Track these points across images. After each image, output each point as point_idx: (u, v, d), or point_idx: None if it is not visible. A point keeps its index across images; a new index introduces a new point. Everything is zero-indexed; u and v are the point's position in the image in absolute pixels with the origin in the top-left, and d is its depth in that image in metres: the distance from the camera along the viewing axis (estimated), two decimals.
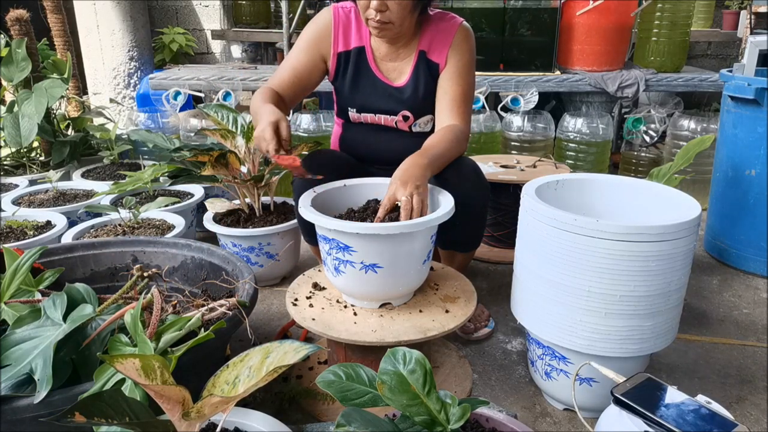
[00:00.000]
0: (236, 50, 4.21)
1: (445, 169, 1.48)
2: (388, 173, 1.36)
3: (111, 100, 3.48)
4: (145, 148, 2.81)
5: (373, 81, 1.64)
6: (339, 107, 1.75)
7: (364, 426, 0.79)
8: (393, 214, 1.32)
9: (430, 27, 1.60)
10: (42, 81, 2.69)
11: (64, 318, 1.04)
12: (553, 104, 3.58)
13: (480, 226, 1.65)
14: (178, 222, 1.98)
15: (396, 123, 1.66)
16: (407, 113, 1.64)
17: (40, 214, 2.05)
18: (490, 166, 2.30)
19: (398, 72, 1.63)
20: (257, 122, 1.45)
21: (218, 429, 0.87)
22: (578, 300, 1.23)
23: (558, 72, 3.15)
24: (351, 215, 1.37)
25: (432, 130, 1.67)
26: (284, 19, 3.50)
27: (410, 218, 1.26)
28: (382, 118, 1.66)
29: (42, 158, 2.84)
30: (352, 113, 1.70)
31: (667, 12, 3.10)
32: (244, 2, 4.13)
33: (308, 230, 1.66)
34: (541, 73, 3.10)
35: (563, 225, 1.21)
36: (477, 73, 3.03)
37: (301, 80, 1.63)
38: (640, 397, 0.95)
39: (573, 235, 1.20)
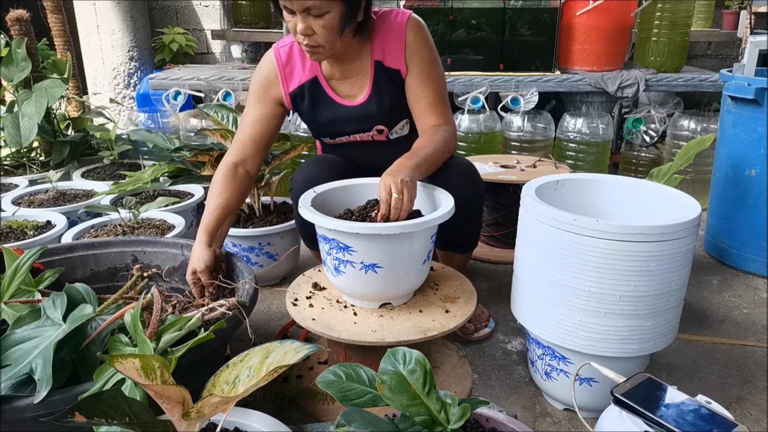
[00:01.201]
0: (236, 50, 4.21)
1: (440, 169, 1.47)
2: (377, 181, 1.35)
3: (111, 100, 3.48)
4: (145, 148, 2.81)
5: (334, 107, 1.58)
6: (313, 134, 1.73)
7: (364, 426, 0.79)
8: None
9: (378, 32, 1.51)
10: (42, 81, 2.70)
11: (64, 318, 1.04)
12: (553, 104, 3.58)
13: (477, 226, 1.64)
14: (178, 222, 1.98)
15: (372, 137, 1.62)
16: (380, 127, 1.59)
17: (40, 214, 2.05)
18: (490, 166, 2.30)
19: (357, 88, 1.56)
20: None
21: (218, 429, 0.87)
22: (578, 300, 1.23)
23: (558, 72, 3.15)
24: (349, 215, 1.37)
25: (410, 133, 1.63)
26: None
27: (395, 213, 1.24)
28: (357, 137, 1.62)
29: (42, 158, 2.84)
30: (327, 140, 1.67)
31: (667, 12, 3.10)
32: (244, 2, 4.13)
33: (307, 233, 1.65)
34: (541, 73, 3.10)
35: (563, 225, 1.21)
36: (477, 73, 3.07)
37: (263, 136, 1.58)
38: (640, 397, 0.95)
39: (573, 235, 1.20)
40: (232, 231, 1.92)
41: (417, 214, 1.35)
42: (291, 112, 1.64)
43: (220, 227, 1.49)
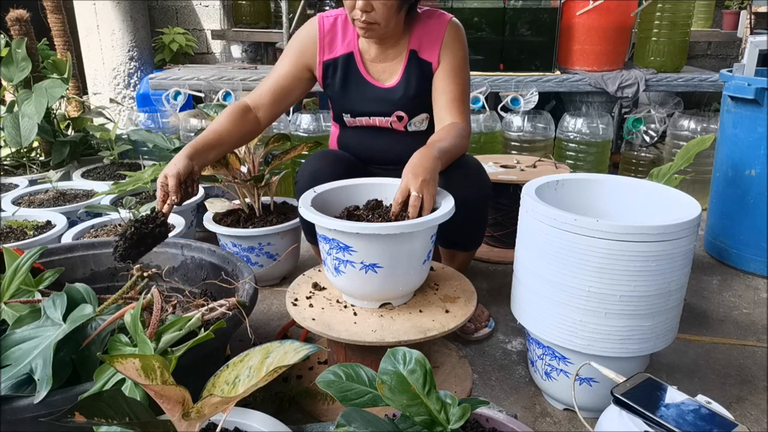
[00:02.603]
0: (236, 50, 4.21)
1: (449, 167, 1.48)
2: (388, 173, 1.36)
3: (111, 100, 3.48)
4: (145, 148, 2.81)
5: (363, 85, 1.63)
6: (334, 113, 1.76)
7: (364, 426, 0.79)
8: (404, 212, 1.32)
9: (419, 25, 1.59)
10: (42, 81, 2.69)
11: (64, 318, 1.04)
12: (553, 104, 3.58)
13: (482, 224, 1.65)
14: (178, 222, 1.98)
15: (391, 124, 1.66)
16: (401, 113, 1.63)
17: (40, 214, 2.04)
18: (490, 166, 2.30)
19: (389, 73, 1.63)
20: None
21: (218, 429, 0.87)
22: (578, 300, 1.23)
23: (558, 72, 3.15)
24: (350, 215, 1.37)
25: (427, 129, 1.67)
26: (284, 19, 3.50)
27: (419, 215, 1.26)
28: (377, 120, 1.66)
29: (42, 158, 2.84)
30: (347, 118, 1.70)
31: (667, 12, 3.10)
32: (244, 2, 4.13)
33: (309, 228, 1.66)
34: (541, 73, 3.10)
35: (563, 225, 1.21)
36: (477, 73, 3.07)
37: (283, 91, 1.63)
38: (640, 397, 0.95)
39: (573, 235, 1.20)
40: (232, 231, 1.92)
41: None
42: (319, 84, 1.67)
43: (207, 150, 1.49)
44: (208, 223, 1.99)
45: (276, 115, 1.66)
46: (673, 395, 0.96)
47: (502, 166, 2.32)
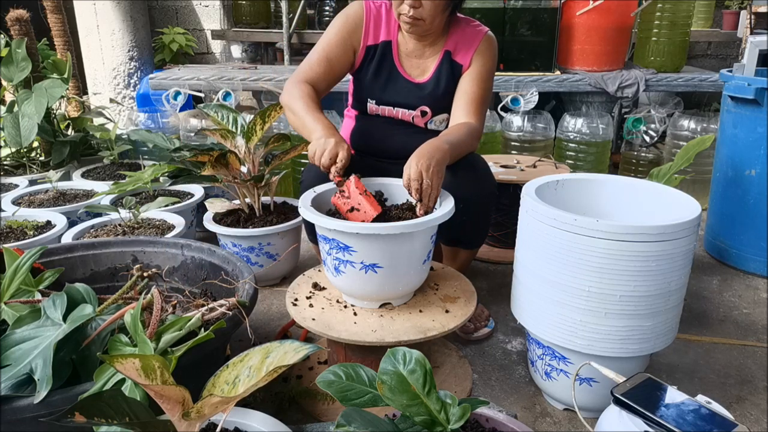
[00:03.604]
0: (236, 50, 4.21)
1: (456, 165, 1.49)
2: (399, 167, 1.35)
3: (111, 100, 3.48)
4: (145, 148, 2.81)
5: (395, 75, 1.66)
6: (356, 98, 1.75)
7: (364, 426, 0.79)
8: (404, 213, 1.32)
9: (457, 30, 1.63)
10: (42, 81, 2.69)
11: (64, 318, 1.04)
12: (553, 104, 3.58)
13: (486, 223, 1.67)
14: (178, 222, 1.98)
15: (413, 118, 1.68)
16: (426, 109, 1.66)
17: (40, 214, 2.04)
18: (490, 166, 2.30)
19: (421, 69, 1.66)
20: (305, 127, 1.46)
21: (218, 429, 0.87)
22: (578, 300, 1.23)
23: (558, 72, 3.15)
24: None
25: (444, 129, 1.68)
26: (284, 19, 3.50)
27: (427, 199, 1.28)
28: (400, 112, 1.68)
29: (42, 158, 2.84)
30: (371, 104, 1.70)
31: (667, 12, 3.10)
32: (244, 2, 4.13)
33: (312, 229, 1.66)
34: (541, 73, 3.10)
35: (563, 225, 1.21)
36: None
37: (333, 71, 1.64)
38: (640, 397, 0.95)
39: (573, 235, 1.20)
40: (232, 231, 1.92)
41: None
42: (354, 67, 1.67)
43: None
44: (208, 223, 1.99)
45: (328, 89, 1.65)
46: (673, 395, 0.96)
47: (502, 166, 2.32)
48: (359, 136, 1.76)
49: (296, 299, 1.40)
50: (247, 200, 2.06)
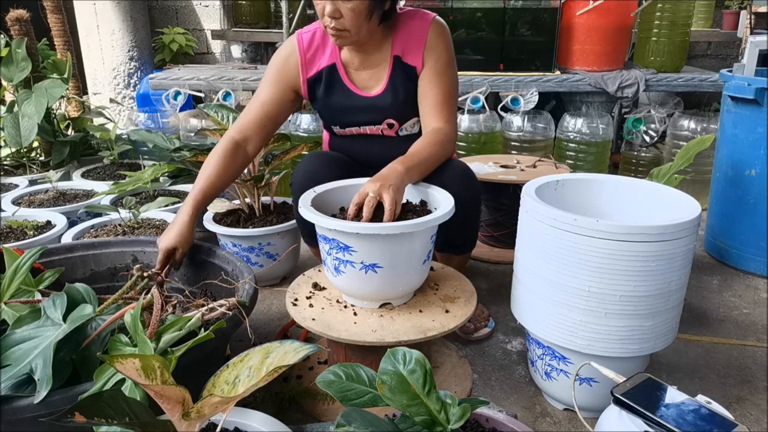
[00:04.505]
0: (236, 50, 4.21)
1: (436, 172, 1.47)
2: None
3: (111, 100, 3.48)
4: (145, 148, 2.81)
5: (349, 95, 1.60)
6: (324, 125, 1.74)
7: (364, 426, 0.79)
8: (404, 214, 1.32)
9: (401, 29, 1.54)
10: (42, 81, 2.70)
11: (64, 318, 1.04)
12: (553, 104, 3.58)
13: (474, 227, 1.64)
14: None
15: (382, 131, 1.63)
16: (391, 121, 1.61)
17: (40, 214, 2.04)
18: (490, 166, 2.30)
19: (374, 80, 1.59)
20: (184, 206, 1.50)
21: (218, 429, 0.87)
22: (578, 300, 1.23)
23: (558, 72, 3.15)
24: (343, 215, 1.37)
25: (419, 132, 1.64)
26: (284, 19, 3.50)
27: (368, 214, 1.25)
28: (367, 129, 1.64)
29: (42, 158, 2.84)
30: (337, 129, 1.68)
31: (667, 12, 3.10)
32: (244, 2, 4.13)
33: (307, 230, 1.65)
34: (541, 73, 3.10)
35: (563, 225, 1.21)
36: (477, 73, 3.07)
37: (270, 115, 1.60)
38: (640, 397, 0.95)
39: (573, 235, 1.20)
40: (232, 231, 1.92)
41: (425, 212, 1.35)
42: (303, 102, 1.65)
43: (207, 202, 1.52)
44: (208, 223, 1.99)
45: (265, 142, 1.63)
46: (673, 395, 0.96)
47: (502, 166, 2.32)
48: (339, 150, 1.74)
49: (296, 299, 1.40)
50: (247, 200, 2.06)
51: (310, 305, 1.37)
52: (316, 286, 1.46)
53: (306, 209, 1.29)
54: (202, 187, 1.51)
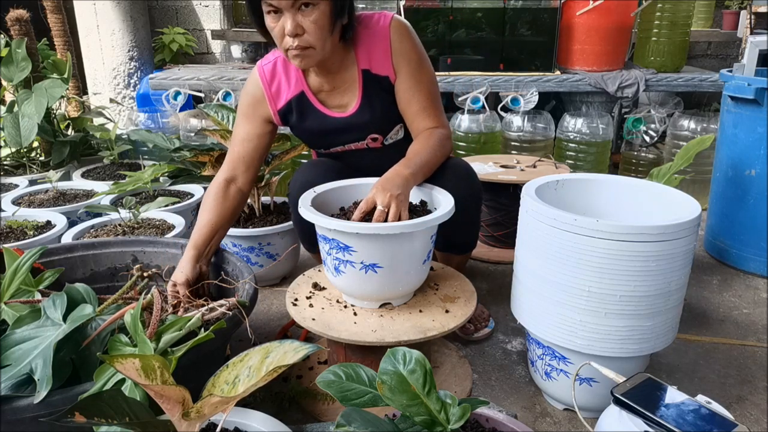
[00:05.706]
0: (236, 50, 4.21)
1: (437, 172, 1.46)
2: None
3: (111, 100, 3.48)
4: (145, 148, 2.81)
5: (323, 120, 1.54)
6: (307, 146, 1.72)
7: (364, 426, 0.79)
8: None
9: (362, 40, 1.46)
10: (42, 81, 2.70)
11: (64, 318, 1.04)
12: (553, 104, 3.58)
13: (475, 227, 1.64)
14: (178, 222, 1.98)
15: (367, 145, 1.60)
16: (374, 135, 1.57)
17: (40, 214, 2.04)
18: (490, 166, 2.30)
19: (348, 98, 1.52)
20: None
21: (218, 429, 0.87)
22: (578, 300, 1.23)
23: (558, 72, 3.15)
24: (344, 214, 1.37)
25: (404, 137, 1.61)
26: None
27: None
28: (352, 146, 1.60)
29: (42, 158, 2.84)
30: (322, 151, 1.67)
31: (667, 12, 3.10)
32: (244, 2, 4.13)
33: (306, 236, 1.65)
34: (541, 73, 3.10)
35: (563, 225, 1.21)
36: (477, 73, 3.07)
37: (251, 150, 1.57)
38: (640, 397, 0.95)
39: (573, 235, 1.20)
40: (232, 231, 1.92)
41: (426, 212, 1.35)
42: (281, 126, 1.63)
43: (209, 244, 1.48)
44: None
45: (256, 174, 1.60)
46: (673, 395, 0.96)
47: (502, 166, 2.32)
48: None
49: (296, 299, 1.40)
50: (248, 200, 2.06)
51: (310, 305, 1.37)
52: (316, 286, 1.46)
53: (306, 209, 1.29)
54: (201, 230, 1.48)
